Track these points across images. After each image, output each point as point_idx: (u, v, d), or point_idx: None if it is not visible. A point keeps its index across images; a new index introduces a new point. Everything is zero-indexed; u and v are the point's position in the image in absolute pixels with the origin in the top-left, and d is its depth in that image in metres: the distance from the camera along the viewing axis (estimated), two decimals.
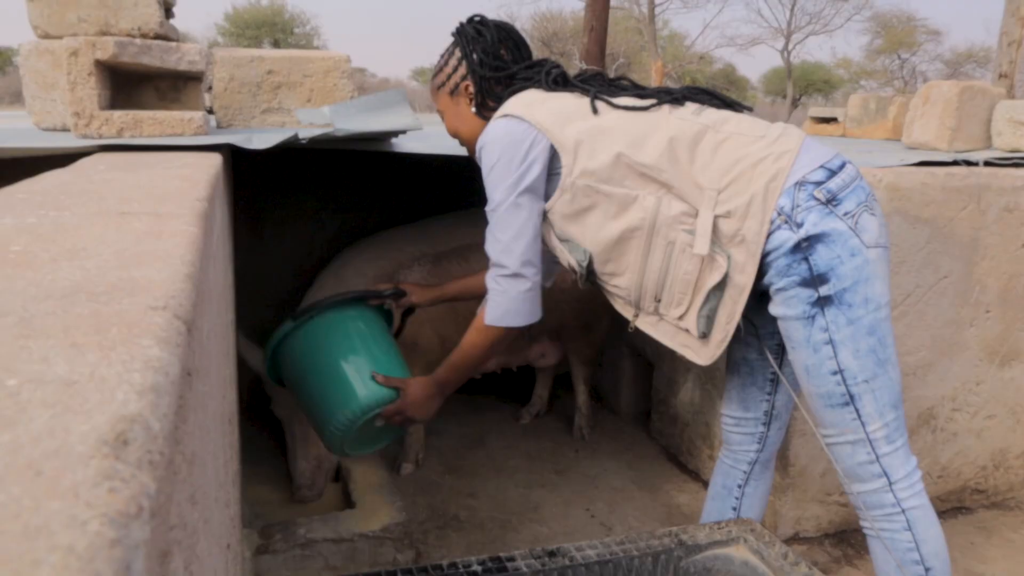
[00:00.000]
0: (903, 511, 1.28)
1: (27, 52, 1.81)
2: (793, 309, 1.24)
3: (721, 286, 1.25)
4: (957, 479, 2.18)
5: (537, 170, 1.30)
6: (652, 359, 2.62)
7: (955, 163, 2.05)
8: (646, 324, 1.37)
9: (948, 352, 2.04)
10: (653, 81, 15.77)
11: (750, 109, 1.39)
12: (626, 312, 1.40)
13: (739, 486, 1.52)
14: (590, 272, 1.36)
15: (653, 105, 1.31)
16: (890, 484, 1.27)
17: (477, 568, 1.05)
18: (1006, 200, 1.99)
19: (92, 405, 0.34)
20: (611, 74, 1.46)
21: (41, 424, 0.32)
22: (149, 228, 0.72)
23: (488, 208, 1.35)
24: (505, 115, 1.33)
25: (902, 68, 25.53)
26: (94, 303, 0.48)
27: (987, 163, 2.06)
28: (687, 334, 1.31)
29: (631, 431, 2.72)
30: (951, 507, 2.19)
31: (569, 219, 1.33)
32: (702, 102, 1.35)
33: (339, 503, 2.10)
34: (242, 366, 2.20)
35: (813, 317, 1.22)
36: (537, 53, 1.67)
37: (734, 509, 1.53)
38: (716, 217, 1.23)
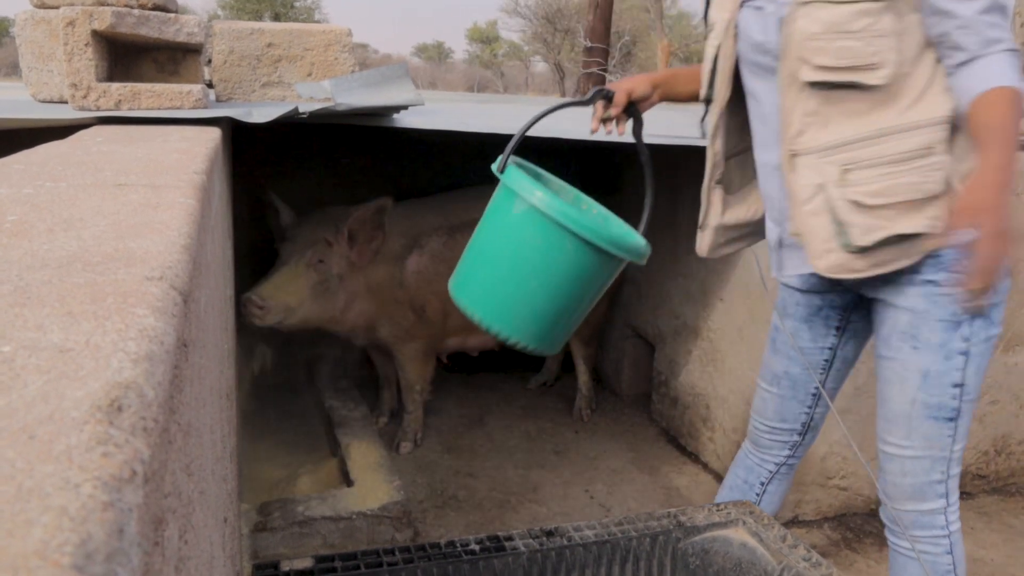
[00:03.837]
0: (948, 535, 1.25)
1: (22, 21, 1.79)
2: (941, 309, 1.15)
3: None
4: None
5: None
6: (654, 341, 2.62)
7: None
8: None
9: None
10: (660, 62, 15.53)
11: None
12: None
13: (762, 483, 1.48)
14: None
15: None
16: (947, 506, 1.24)
17: (475, 547, 1.05)
18: (1014, 183, 1.97)
19: (86, 372, 0.33)
20: (615, 54, 1.30)
21: (35, 389, 0.31)
22: (146, 200, 0.71)
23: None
24: None
25: None
26: (90, 273, 0.48)
27: None
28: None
29: (631, 413, 2.72)
30: None
31: None
32: None
33: (337, 481, 2.11)
34: (244, 341, 2.20)
35: (959, 323, 1.15)
36: (540, 30, 1.59)
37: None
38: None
